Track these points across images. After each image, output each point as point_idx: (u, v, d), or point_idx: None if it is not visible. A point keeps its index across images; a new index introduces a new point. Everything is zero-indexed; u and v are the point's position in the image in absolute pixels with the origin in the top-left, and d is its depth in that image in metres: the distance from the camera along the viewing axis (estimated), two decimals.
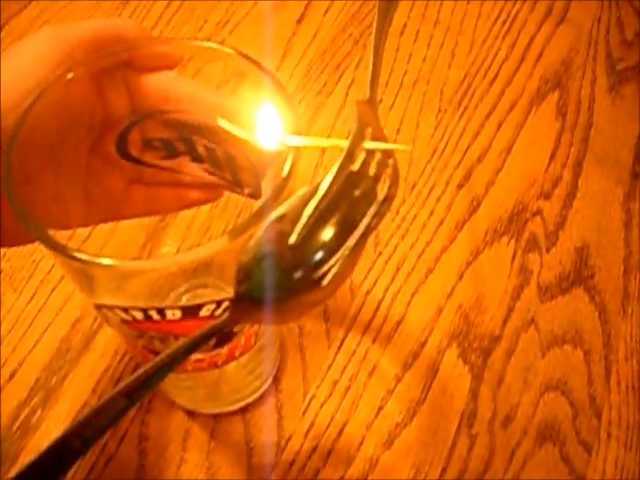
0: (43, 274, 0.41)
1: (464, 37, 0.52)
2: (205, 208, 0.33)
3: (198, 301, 0.24)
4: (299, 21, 0.53)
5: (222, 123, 0.26)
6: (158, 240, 0.35)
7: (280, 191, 0.23)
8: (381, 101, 0.48)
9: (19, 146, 0.24)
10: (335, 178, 0.21)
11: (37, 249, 0.41)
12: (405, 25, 0.52)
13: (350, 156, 0.22)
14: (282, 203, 0.22)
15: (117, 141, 0.29)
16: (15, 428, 0.36)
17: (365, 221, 0.22)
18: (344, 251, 0.21)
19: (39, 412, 0.37)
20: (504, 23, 0.53)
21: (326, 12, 0.53)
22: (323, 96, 0.49)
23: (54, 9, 0.53)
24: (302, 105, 0.48)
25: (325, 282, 0.21)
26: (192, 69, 0.29)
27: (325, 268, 0.21)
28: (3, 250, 0.41)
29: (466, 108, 0.48)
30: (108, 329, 0.39)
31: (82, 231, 0.29)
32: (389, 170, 0.23)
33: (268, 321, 0.25)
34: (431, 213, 0.44)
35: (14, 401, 0.37)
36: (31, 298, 0.40)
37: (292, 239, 0.21)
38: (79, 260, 0.22)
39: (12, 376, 0.38)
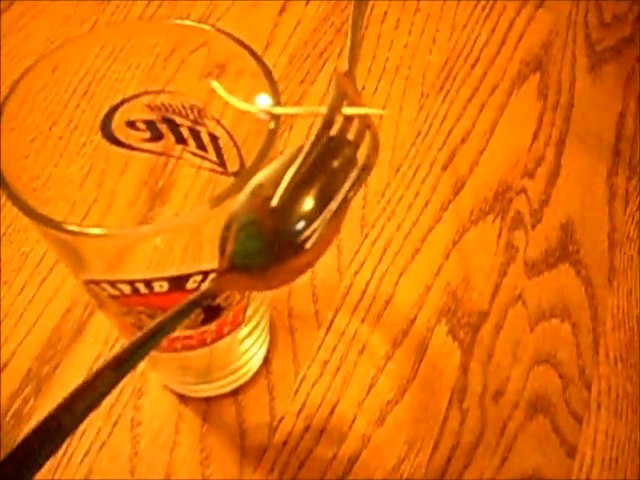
0: (32, 267, 0.41)
1: (444, 23, 0.52)
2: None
3: (184, 272, 0.24)
4: (281, 12, 0.53)
5: (214, 85, 0.26)
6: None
7: (261, 159, 0.23)
8: (364, 88, 0.49)
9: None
10: (315, 142, 0.22)
11: (26, 242, 0.42)
12: (386, 13, 0.53)
13: (329, 121, 0.22)
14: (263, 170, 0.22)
15: (102, 124, 0.30)
16: (8, 418, 0.36)
17: (347, 185, 0.22)
18: (326, 214, 0.22)
19: (32, 402, 0.37)
20: (484, 8, 0.53)
21: (307, 2, 0.53)
22: (306, 84, 0.49)
23: (33, 12, 0.53)
24: (286, 94, 0.48)
25: (308, 245, 0.21)
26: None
27: (308, 232, 0.21)
28: None
29: (448, 92, 0.49)
30: (98, 318, 0.39)
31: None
32: (368, 138, 0.24)
33: (255, 288, 0.25)
34: (416, 194, 0.44)
35: (6, 392, 0.37)
36: (21, 290, 0.40)
37: (274, 202, 0.21)
38: (68, 232, 0.22)
39: (4, 367, 0.38)
